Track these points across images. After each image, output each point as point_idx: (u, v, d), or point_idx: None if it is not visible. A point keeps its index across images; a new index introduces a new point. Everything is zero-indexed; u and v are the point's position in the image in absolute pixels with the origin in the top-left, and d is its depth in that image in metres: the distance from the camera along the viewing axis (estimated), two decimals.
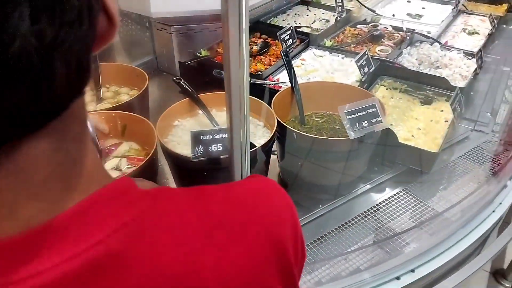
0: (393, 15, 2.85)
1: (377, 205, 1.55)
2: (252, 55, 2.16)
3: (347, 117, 1.29)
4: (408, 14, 2.87)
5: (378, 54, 2.28)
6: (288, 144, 1.45)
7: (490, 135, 1.89)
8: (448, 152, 1.78)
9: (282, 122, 1.40)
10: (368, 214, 1.52)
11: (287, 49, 2.09)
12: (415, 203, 1.57)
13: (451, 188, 1.61)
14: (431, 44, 2.46)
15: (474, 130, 1.92)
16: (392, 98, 2.06)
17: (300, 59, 2.20)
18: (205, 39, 2.28)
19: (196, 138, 1.21)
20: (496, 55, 2.63)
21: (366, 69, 1.92)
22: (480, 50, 2.18)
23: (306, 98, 1.69)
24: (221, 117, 1.58)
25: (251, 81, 1.91)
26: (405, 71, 2.11)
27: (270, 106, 1.52)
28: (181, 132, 1.49)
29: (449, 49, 2.43)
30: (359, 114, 1.31)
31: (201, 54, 2.12)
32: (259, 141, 1.44)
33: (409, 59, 2.36)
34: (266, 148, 1.35)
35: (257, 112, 1.57)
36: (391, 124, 1.88)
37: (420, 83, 2.05)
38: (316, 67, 2.14)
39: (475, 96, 2.16)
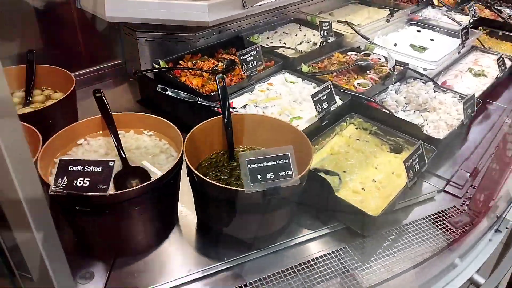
0: (395, 45, 2.59)
1: (299, 265, 1.32)
2: (215, 73, 1.98)
3: (248, 166, 1.08)
4: (411, 45, 2.60)
5: (356, 87, 2.03)
6: (194, 184, 1.26)
7: (460, 201, 1.60)
8: (401, 215, 1.53)
9: (187, 162, 1.21)
10: (282, 276, 1.29)
11: (251, 73, 1.90)
12: (344, 269, 1.33)
13: (391, 259, 1.36)
14: (425, 82, 2.18)
15: (444, 191, 1.65)
16: (358, 139, 1.82)
17: (268, 83, 2.00)
18: (174, 49, 2.13)
19: (63, 168, 1.05)
20: (503, 103, 2.31)
21: (325, 105, 1.69)
22: (472, 96, 1.89)
23: (242, 131, 1.50)
24: (137, 140, 1.41)
25: (199, 102, 1.74)
26: (377, 111, 1.86)
27: None
28: (82, 153, 1.33)
29: (444, 91, 2.15)
30: (264, 164, 1.10)
31: (159, 65, 1.97)
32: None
33: (395, 97, 2.10)
34: (160, 184, 1.16)
35: (175, 141, 1.39)
36: (344, 171, 1.64)
37: (392, 127, 1.79)
38: (282, 94, 1.93)
39: (459, 150, 1.88)
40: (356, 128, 1.89)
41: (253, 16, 2.37)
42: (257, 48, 1.89)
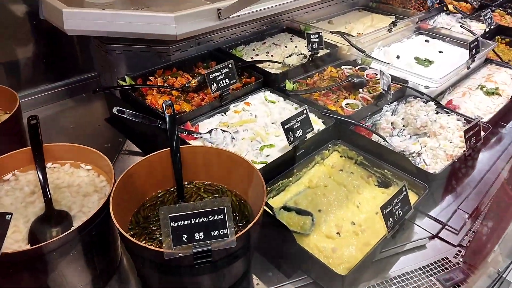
0: (398, 57, 2.34)
1: None
2: (185, 91, 1.79)
3: (171, 224, 0.88)
4: (415, 58, 2.34)
5: (343, 109, 1.80)
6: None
7: (455, 250, 1.35)
8: (383, 266, 1.29)
9: (111, 210, 1.02)
10: None
11: (222, 92, 1.70)
12: None
13: None
14: (426, 102, 1.93)
15: (437, 237, 1.40)
16: (341, 170, 1.59)
17: (245, 103, 1.79)
18: (149, 62, 1.95)
19: None
20: None
21: (299, 132, 1.48)
22: (476, 123, 1.63)
23: (195, 165, 1.30)
24: (71, 176, 1.24)
25: (160, 126, 1.55)
26: (363, 138, 1.63)
27: None
28: (6, 191, 1.16)
29: (447, 112, 1.89)
30: (192, 221, 0.90)
31: (125, 82, 1.79)
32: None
33: (390, 119, 1.85)
34: (70, 240, 0.98)
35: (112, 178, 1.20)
36: (319, 210, 1.42)
37: (380, 156, 1.56)
38: (259, 115, 1.72)
39: (460, 185, 1.62)
40: (341, 157, 1.66)
41: (238, 26, 2.16)
42: (230, 65, 1.69)
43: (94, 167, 1.25)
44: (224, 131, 1.58)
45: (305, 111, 1.49)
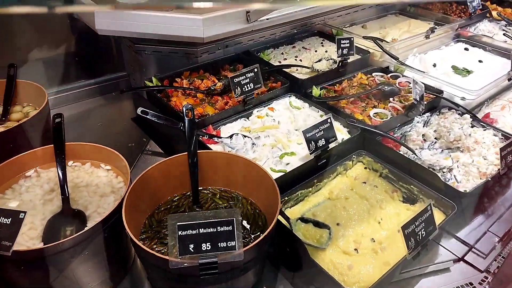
0: (434, 65, 2.23)
1: None
2: (210, 94, 1.79)
3: (179, 233, 0.87)
4: (453, 67, 2.22)
5: (371, 118, 1.74)
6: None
7: (481, 275, 1.27)
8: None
9: (123, 216, 1.02)
10: None
11: (245, 97, 1.67)
12: None
13: None
14: (461, 114, 1.83)
15: (463, 260, 1.32)
16: (365, 182, 1.53)
17: (269, 108, 1.76)
18: (178, 63, 1.96)
19: None
20: None
21: (322, 142, 1.43)
22: None
23: (212, 170, 1.28)
24: (91, 175, 1.25)
25: (181, 128, 1.55)
26: (390, 150, 1.56)
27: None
28: (26, 188, 1.20)
29: (484, 126, 1.78)
30: (200, 231, 0.88)
31: (152, 82, 1.81)
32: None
33: (422, 131, 1.76)
34: (78, 243, 0.99)
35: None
36: (338, 224, 1.37)
37: (407, 171, 1.49)
38: (282, 121, 1.68)
39: (492, 206, 1.52)
40: (365, 168, 1.60)
41: (267, 29, 2.13)
42: (255, 70, 1.67)
43: (113, 167, 1.26)
44: (245, 136, 1.56)
45: (329, 120, 1.45)
